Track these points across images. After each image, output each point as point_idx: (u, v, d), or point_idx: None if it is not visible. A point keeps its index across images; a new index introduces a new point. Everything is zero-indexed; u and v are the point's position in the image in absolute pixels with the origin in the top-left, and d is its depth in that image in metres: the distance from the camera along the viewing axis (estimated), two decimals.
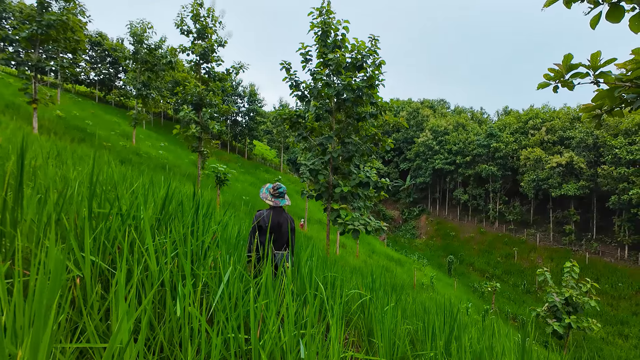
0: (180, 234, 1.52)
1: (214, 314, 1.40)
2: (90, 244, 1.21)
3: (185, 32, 16.55)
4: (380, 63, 9.56)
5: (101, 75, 46.84)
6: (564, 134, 42.42)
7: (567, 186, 36.83)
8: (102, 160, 7.83)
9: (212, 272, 1.52)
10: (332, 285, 2.16)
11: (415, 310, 3.04)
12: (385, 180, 10.73)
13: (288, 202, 3.06)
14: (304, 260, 2.13)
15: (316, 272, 2.25)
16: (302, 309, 1.66)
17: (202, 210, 1.87)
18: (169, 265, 1.24)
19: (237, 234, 2.17)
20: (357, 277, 3.46)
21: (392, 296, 2.73)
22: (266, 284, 1.42)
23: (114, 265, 1.32)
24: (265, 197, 3.05)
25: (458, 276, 35.70)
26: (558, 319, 13.77)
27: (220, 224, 2.19)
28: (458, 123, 58.20)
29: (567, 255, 36.92)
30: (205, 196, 10.94)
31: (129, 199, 1.74)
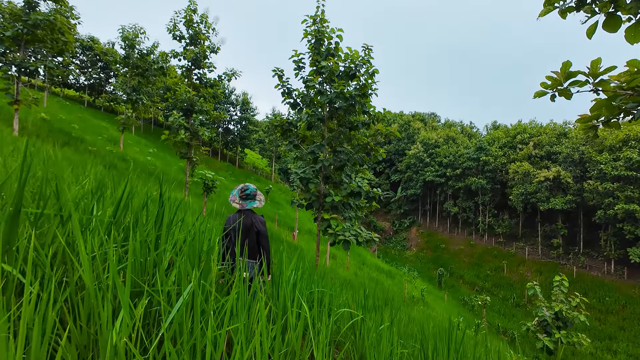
0: (137, 242, 1.26)
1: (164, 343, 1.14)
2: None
3: (177, 37, 16.38)
4: (374, 72, 9.50)
5: (91, 80, 46.17)
6: (550, 148, 43.32)
7: (555, 200, 37.38)
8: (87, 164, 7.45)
9: (171, 288, 1.26)
10: (320, 302, 1.91)
11: (413, 332, 2.78)
12: (377, 190, 10.55)
13: (259, 204, 2.82)
14: (287, 273, 1.88)
15: (301, 286, 1.99)
16: (282, 334, 1.40)
17: (169, 214, 1.62)
18: (110, 280, 0.98)
19: (209, 243, 1.92)
20: (347, 292, 3.20)
21: (386, 313, 2.48)
22: (236, 305, 1.16)
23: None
24: (232, 200, 2.83)
25: (448, 289, 35.49)
26: (548, 333, 13.65)
27: (191, 231, 1.93)
28: (448, 136, 59.04)
29: (555, 268, 37.17)
30: (190, 203, 10.42)
31: (78, 196, 1.48)
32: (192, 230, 1.99)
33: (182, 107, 15.96)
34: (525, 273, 38.38)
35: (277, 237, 17.86)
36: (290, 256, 10.42)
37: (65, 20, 13.10)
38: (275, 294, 1.81)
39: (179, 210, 2.27)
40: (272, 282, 2.03)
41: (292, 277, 1.94)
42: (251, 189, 2.87)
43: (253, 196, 2.83)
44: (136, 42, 23.04)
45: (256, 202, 2.83)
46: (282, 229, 23.33)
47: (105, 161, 16.40)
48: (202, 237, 1.87)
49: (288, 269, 1.92)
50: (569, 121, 45.92)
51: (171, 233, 1.63)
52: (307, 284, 2.20)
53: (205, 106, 16.38)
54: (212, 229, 2.40)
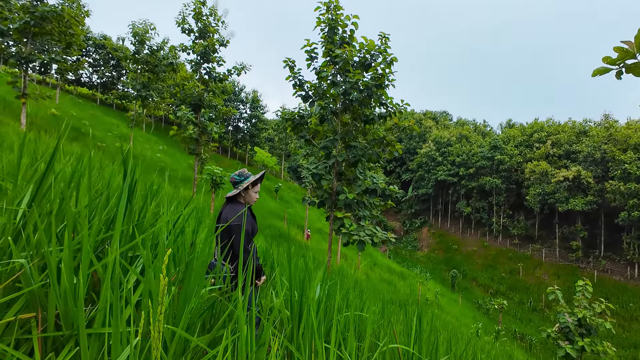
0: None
1: None
2: None
3: (186, 30, 16.02)
4: (392, 60, 8.84)
5: (104, 78, 46.62)
6: (570, 147, 41.73)
7: (575, 201, 35.92)
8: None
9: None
10: (356, 332, 1.35)
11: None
12: (394, 187, 9.91)
13: (236, 190, 2.31)
14: (312, 293, 1.33)
15: (329, 306, 1.43)
16: None
17: (139, 198, 1.11)
18: None
19: (192, 243, 1.38)
20: (386, 308, 2.63)
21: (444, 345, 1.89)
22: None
23: None
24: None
25: (461, 291, 34.49)
26: (570, 341, 12.83)
27: (176, 223, 1.40)
28: (461, 135, 57.66)
29: (574, 272, 35.77)
30: (198, 199, 9.99)
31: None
32: (177, 221, 1.47)
33: (190, 102, 15.60)
34: (542, 276, 37.04)
35: (286, 236, 17.37)
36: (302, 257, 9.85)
37: (73, 13, 12.84)
38: (294, 325, 1.27)
39: (153, 195, 1.75)
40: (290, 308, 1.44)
41: (323, 297, 1.40)
42: (233, 174, 2.38)
43: (233, 183, 2.34)
44: (146, 37, 22.85)
45: (234, 190, 2.31)
46: (291, 228, 22.85)
47: (114, 157, 16.18)
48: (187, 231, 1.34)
49: (314, 282, 1.37)
50: (589, 119, 44.15)
51: (143, 225, 1.11)
52: (339, 303, 1.65)
53: (215, 101, 15.99)
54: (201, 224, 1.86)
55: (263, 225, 17.86)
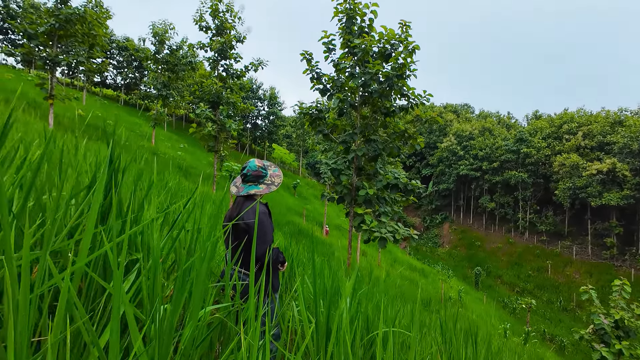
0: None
1: None
2: None
3: (204, 28, 16.06)
4: (414, 48, 8.42)
5: (127, 80, 48.10)
6: (603, 139, 39.32)
7: (609, 195, 33.84)
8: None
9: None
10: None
11: None
12: (416, 182, 9.52)
13: (265, 188, 2.01)
14: (342, 304, 1.11)
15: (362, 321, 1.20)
16: None
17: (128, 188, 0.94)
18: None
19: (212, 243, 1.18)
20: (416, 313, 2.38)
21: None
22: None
23: None
24: (234, 184, 2.10)
25: (485, 289, 33.37)
26: (606, 343, 12.05)
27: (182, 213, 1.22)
28: (484, 128, 55.58)
29: (608, 270, 33.82)
30: (217, 195, 10.04)
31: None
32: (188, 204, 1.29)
33: (209, 100, 15.68)
34: (573, 275, 35.26)
35: (306, 233, 17.27)
36: (324, 256, 9.65)
37: (95, 14, 13.12)
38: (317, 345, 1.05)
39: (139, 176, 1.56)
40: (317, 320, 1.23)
41: (358, 309, 1.18)
42: (251, 166, 2.02)
43: (255, 177, 1.99)
44: (166, 37, 23.25)
45: (260, 186, 1.99)
46: (310, 224, 22.75)
47: (135, 155, 16.55)
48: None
49: (345, 293, 1.15)
50: (625, 107, 41.35)
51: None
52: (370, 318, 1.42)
53: (232, 98, 16.00)
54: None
55: (282, 222, 17.82)
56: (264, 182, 2.04)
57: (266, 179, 2.05)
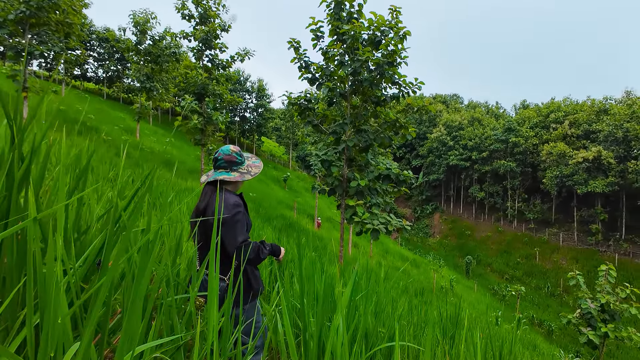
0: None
1: None
2: None
3: (186, 17, 15.45)
4: (405, 34, 8.13)
5: (109, 72, 46.52)
6: (589, 127, 39.97)
7: (594, 183, 34.54)
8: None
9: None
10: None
11: None
12: (408, 172, 9.35)
13: (237, 176, 1.73)
14: (341, 314, 0.87)
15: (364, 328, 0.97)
16: None
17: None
18: None
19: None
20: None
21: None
22: None
23: None
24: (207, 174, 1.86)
25: (476, 277, 33.93)
26: (592, 327, 12.30)
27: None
28: (473, 118, 55.93)
29: (593, 256, 34.73)
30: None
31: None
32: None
33: (194, 91, 15.15)
34: (560, 261, 36.11)
35: (296, 226, 17.04)
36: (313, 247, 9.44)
37: (69, 1, 12.39)
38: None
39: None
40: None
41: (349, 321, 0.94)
42: (223, 150, 1.78)
43: (228, 163, 1.74)
44: (147, 27, 22.35)
45: (232, 173, 1.73)
46: (301, 217, 22.53)
47: (119, 150, 15.96)
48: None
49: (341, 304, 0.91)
50: (610, 96, 42.01)
51: None
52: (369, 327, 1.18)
53: (219, 89, 15.50)
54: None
55: (272, 215, 17.53)
56: (237, 170, 1.76)
57: (241, 167, 1.79)
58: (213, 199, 1.67)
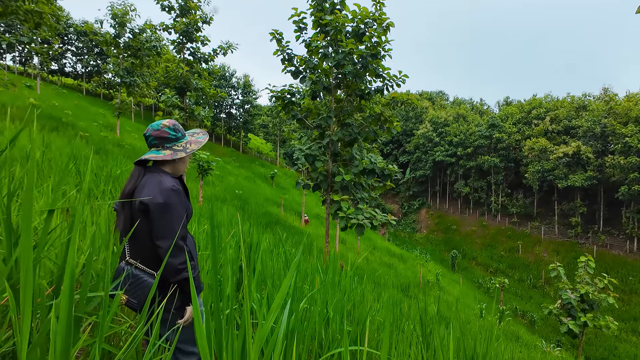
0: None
1: None
2: None
3: (166, 8, 14.90)
4: (388, 25, 8.03)
5: (88, 67, 44.94)
6: (569, 123, 41.09)
7: (574, 177, 35.57)
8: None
9: None
10: None
11: None
12: (393, 167, 9.28)
13: (169, 153, 1.48)
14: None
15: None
16: None
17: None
18: None
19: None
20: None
21: None
22: None
23: None
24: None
25: (461, 271, 34.53)
26: (573, 317, 12.61)
27: None
28: (458, 114, 56.73)
29: (573, 248, 35.83)
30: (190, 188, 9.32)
31: None
32: None
33: (175, 86, 14.68)
34: (542, 253, 37.12)
35: (283, 223, 16.84)
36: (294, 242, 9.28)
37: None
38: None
39: None
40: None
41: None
42: (152, 126, 1.53)
43: (158, 139, 1.50)
44: (126, 19, 21.55)
45: (163, 151, 1.48)
46: (288, 214, 22.33)
47: (98, 147, 15.37)
48: None
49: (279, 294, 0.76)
50: (589, 93, 43.28)
51: None
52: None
53: (201, 83, 15.07)
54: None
55: (259, 212, 17.27)
56: (171, 147, 1.52)
57: (176, 144, 1.54)
58: (141, 181, 1.44)
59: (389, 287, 10.50)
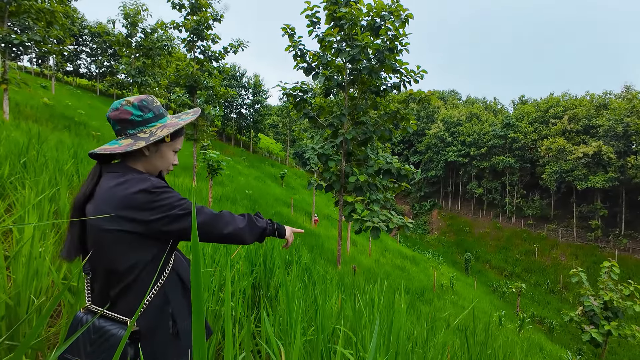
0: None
1: None
2: None
3: (177, 6, 14.77)
4: (407, 17, 7.60)
5: (102, 68, 45.60)
6: (589, 122, 39.62)
7: (594, 178, 34.23)
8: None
9: None
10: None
11: None
12: (410, 167, 8.85)
13: (123, 147, 1.01)
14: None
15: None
16: None
17: None
18: None
19: None
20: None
21: None
22: None
23: None
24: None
25: (475, 274, 33.63)
26: (595, 324, 11.92)
27: None
28: (472, 113, 55.51)
29: (593, 252, 34.50)
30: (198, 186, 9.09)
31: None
32: None
33: (185, 84, 14.54)
34: (559, 257, 35.86)
35: (294, 224, 16.52)
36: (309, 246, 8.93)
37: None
38: None
39: None
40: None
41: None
42: (113, 105, 1.07)
43: (120, 125, 1.06)
44: (138, 19, 21.62)
45: (121, 141, 1.05)
46: (298, 215, 22.02)
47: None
48: None
49: None
50: (609, 91, 41.66)
51: None
52: None
53: (211, 82, 14.89)
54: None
55: (269, 213, 17.00)
56: (134, 135, 1.05)
57: (144, 129, 1.06)
58: (98, 187, 1.02)
59: (404, 292, 10.08)
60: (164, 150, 1.10)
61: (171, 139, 1.11)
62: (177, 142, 1.14)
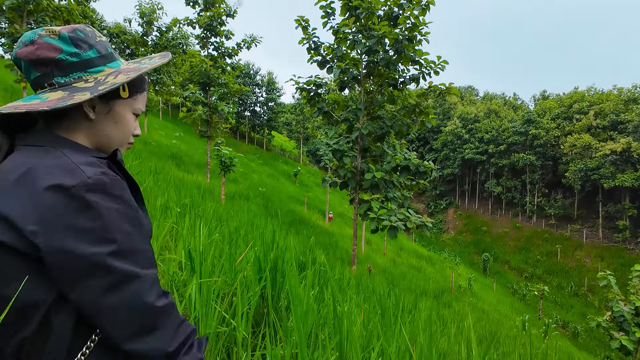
0: None
1: None
2: None
3: (191, 2, 14.72)
4: (428, 3, 7.17)
5: None
6: (616, 117, 37.70)
7: (623, 176, 32.54)
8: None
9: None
10: None
11: None
12: (429, 163, 8.41)
13: (50, 101, 0.56)
14: None
15: None
16: None
17: None
18: None
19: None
20: None
21: None
22: None
23: None
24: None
25: (493, 275, 32.59)
26: (625, 331, 11.17)
27: None
28: (490, 110, 53.82)
29: (620, 254, 32.86)
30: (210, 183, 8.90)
31: None
32: None
33: (198, 81, 14.48)
34: (584, 258, 34.34)
35: (307, 222, 16.28)
36: (323, 245, 8.62)
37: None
38: None
39: None
40: None
41: None
42: (25, 37, 0.60)
43: (41, 67, 0.59)
44: (154, 18, 21.81)
45: (44, 95, 0.58)
46: (312, 212, 21.78)
47: None
48: None
49: None
50: (639, 84, 39.48)
51: None
52: None
53: (224, 78, 14.77)
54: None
55: (283, 210, 16.82)
56: (69, 85, 0.61)
57: (82, 75, 0.63)
58: (3, 165, 0.58)
59: (422, 294, 9.66)
60: (120, 110, 0.68)
61: (129, 93, 0.69)
62: (138, 100, 0.71)
